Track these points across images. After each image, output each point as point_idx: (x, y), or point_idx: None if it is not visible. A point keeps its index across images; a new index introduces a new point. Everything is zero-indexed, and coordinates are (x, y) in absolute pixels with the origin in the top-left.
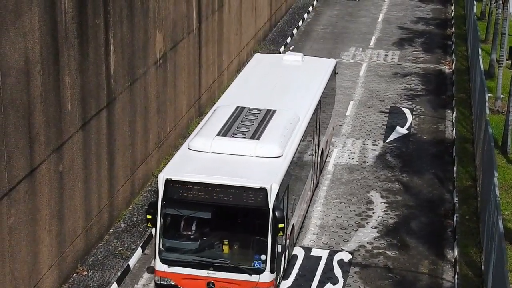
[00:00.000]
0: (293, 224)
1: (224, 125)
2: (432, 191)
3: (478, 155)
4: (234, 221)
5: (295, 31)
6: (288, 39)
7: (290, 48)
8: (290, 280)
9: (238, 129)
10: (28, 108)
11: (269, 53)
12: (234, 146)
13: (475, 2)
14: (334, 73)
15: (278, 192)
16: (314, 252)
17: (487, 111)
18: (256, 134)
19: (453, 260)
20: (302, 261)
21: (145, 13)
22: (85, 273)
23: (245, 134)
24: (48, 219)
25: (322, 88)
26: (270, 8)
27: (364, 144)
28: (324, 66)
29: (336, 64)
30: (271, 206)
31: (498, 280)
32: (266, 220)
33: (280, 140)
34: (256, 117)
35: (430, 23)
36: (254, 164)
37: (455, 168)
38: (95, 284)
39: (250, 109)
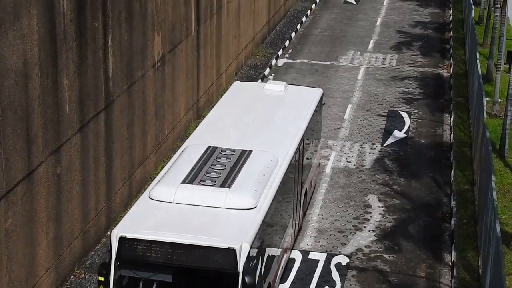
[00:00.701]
0: (270, 283)
1: (192, 169)
2: (430, 194)
3: (475, 159)
4: (198, 285)
5: (293, 34)
6: (287, 43)
7: (271, 77)
8: (287, 284)
9: (208, 175)
10: (26, 110)
11: (267, 56)
12: (201, 196)
13: (473, 6)
14: (320, 104)
15: (249, 253)
16: (312, 255)
17: (485, 115)
18: (227, 181)
19: (450, 264)
20: (300, 264)
21: (144, 16)
22: (83, 275)
23: (215, 181)
24: (45, 221)
25: (306, 122)
26: (268, 11)
27: (362, 147)
28: (309, 97)
29: (322, 94)
30: (240, 269)
31: (495, 284)
32: (235, 286)
33: (254, 188)
34: (228, 160)
35: (428, 27)
36: (223, 218)
37: (452, 172)
38: (92, 287)
39: (222, 150)
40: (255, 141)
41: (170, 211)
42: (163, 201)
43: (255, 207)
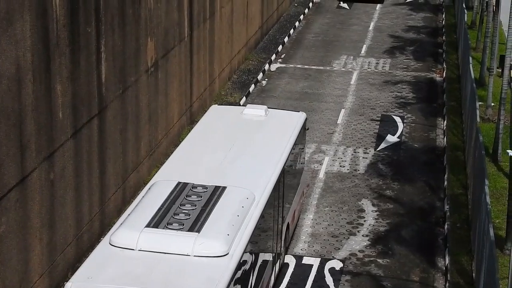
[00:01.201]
0: None
1: (158, 210)
2: (423, 199)
3: (469, 163)
4: None
5: (286, 39)
6: (280, 47)
7: (246, 104)
8: None
9: (175, 217)
10: (19, 116)
11: (260, 61)
12: (167, 242)
13: (466, 10)
14: (303, 129)
15: None
16: (305, 260)
17: (478, 119)
18: (196, 225)
19: (444, 268)
20: (294, 269)
21: (137, 21)
22: None
23: (183, 225)
24: (39, 227)
25: (288, 151)
26: (261, 16)
27: (355, 152)
28: (291, 122)
29: (306, 119)
30: None
31: None
32: None
33: (226, 232)
34: (199, 198)
35: (421, 31)
36: (191, 267)
37: (446, 176)
38: None
39: (194, 186)
40: (230, 174)
41: (132, 259)
42: (125, 248)
43: (226, 254)
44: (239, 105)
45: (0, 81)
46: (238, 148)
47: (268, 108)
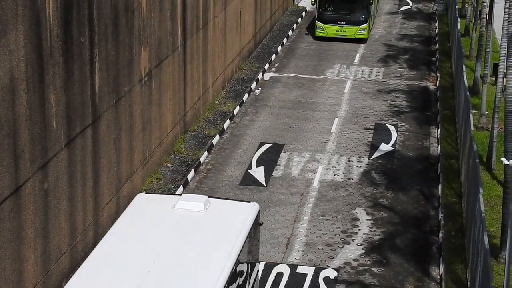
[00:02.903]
0: None
1: None
2: (418, 207)
3: (463, 172)
4: None
5: (279, 48)
6: (273, 56)
7: (183, 193)
8: None
9: None
10: (13, 126)
11: (254, 70)
12: None
13: (459, 19)
14: (256, 225)
15: None
16: (300, 269)
17: (472, 127)
18: None
19: (438, 277)
20: (288, 278)
21: (130, 31)
22: None
23: None
24: (33, 237)
25: (234, 257)
26: (254, 25)
27: (349, 161)
28: (239, 217)
29: (259, 211)
30: None
31: None
32: None
33: None
34: None
35: (414, 40)
36: None
37: (440, 185)
38: None
39: None
40: None
41: None
42: None
43: None
44: (173, 193)
45: None
46: (166, 259)
47: (210, 198)
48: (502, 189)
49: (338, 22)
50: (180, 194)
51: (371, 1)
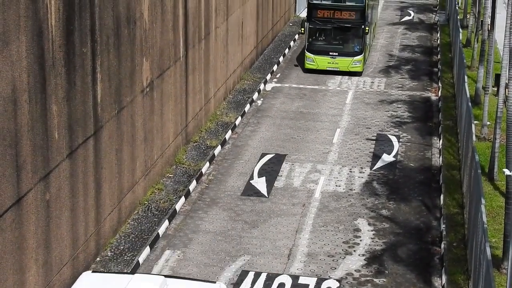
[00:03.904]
0: None
1: None
2: (419, 218)
3: (465, 182)
4: None
5: (281, 58)
6: (275, 67)
7: (136, 270)
8: None
9: None
10: (15, 137)
11: (256, 81)
12: None
13: (460, 29)
14: None
15: None
16: (302, 280)
17: (474, 138)
18: None
19: None
20: None
21: (132, 42)
22: None
23: None
24: (34, 247)
25: None
26: (256, 36)
27: (351, 171)
28: None
29: None
30: None
31: None
32: None
33: None
34: None
35: (416, 50)
36: None
37: (442, 195)
38: None
39: None
40: None
41: None
42: None
43: None
44: (124, 271)
45: None
46: None
47: (168, 278)
48: (504, 199)
49: (330, 53)
50: (132, 274)
51: (367, 30)
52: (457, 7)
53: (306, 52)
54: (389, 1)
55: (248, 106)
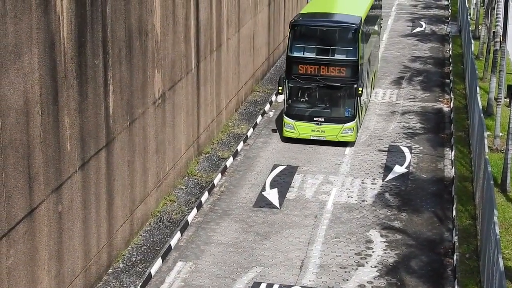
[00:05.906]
0: None
1: None
2: (432, 229)
3: (477, 194)
4: None
5: None
6: None
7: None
8: None
9: None
10: (27, 148)
11: (267, 92)
12: None
13: (472, 40)
14: None
15: None
16: None
17: (486, 149)
18: None
19: None
20: None
21: (144, 53)
22: None
23: None
24: (47, 259)
25: None
26: (268, 47)
27: (363, 183)
28: None
29: None
30: None
31: None
32: None
33: None
34: None
35: (427, 61)
36: None
37: (454, 207)
38: None
39: None
40: None
41: None
42: None
43: None
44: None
45: (9, 113)
46: None
47: None
48: None
49: (315, 119)
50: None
51: (360, 91)
52: (469, 18)
53: (284, 116)
54: (400, 12)
55: (260, 117)
